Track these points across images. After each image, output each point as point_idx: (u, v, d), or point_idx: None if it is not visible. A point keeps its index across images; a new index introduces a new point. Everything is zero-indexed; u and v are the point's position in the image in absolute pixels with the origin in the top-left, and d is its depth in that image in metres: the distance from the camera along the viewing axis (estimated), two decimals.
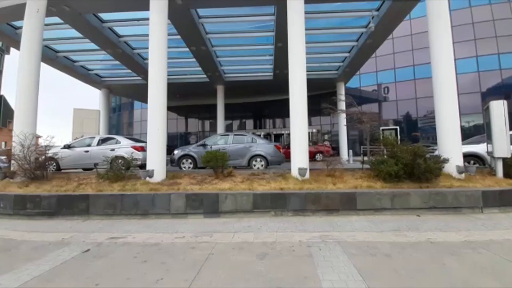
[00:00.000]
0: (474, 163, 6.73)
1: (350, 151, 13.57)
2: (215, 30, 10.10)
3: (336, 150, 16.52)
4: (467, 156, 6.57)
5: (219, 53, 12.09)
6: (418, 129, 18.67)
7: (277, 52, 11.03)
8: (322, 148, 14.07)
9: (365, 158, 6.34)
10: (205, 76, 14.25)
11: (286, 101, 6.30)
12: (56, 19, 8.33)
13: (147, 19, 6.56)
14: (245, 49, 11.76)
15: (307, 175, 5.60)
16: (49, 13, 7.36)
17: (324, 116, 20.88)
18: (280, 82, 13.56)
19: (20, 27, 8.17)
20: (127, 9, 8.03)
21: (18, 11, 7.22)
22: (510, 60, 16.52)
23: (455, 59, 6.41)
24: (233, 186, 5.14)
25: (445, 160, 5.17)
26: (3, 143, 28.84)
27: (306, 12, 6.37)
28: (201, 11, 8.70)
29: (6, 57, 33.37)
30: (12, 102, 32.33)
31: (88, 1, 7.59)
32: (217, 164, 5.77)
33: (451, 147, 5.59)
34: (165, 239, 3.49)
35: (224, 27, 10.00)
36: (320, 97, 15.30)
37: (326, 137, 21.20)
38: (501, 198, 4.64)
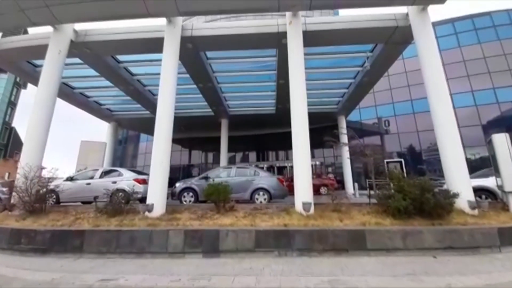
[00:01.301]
0: (486, 198, 6.46)
1: (356, 184, 13.22)
2: (221, 69, 10.86)
3: (340, 183, 16.13)
4: (478, 190, 6.33)
5: (224, 89, 12.78)
6: (423, 162, 18.40)
7: (279, 88, 11.63)
8: (327, 181, 13.76)
9: (372, 192, 6.15)
10: (210, 110, 14.85)
11: (289, 134, 6.40)
12: (75, 59, 9.08)
13: (160, 60, 7.15)
14: (249, 86, 12.46)
15: (312, 210, 5.38)
16: (70, 54, 8.03)
17: (327, 148, 20.93)
18: (282, 115, 13.99)
19: (40, 66, 8.86)
20: (143, 51, 8.82)
21: (40, 51, 7.86)
22: (507, 94, 17.06)
23: (451, 94, 6.63)
24: (234, 221, 4.93)
25: (455, 195, 4.97)
26: (6, 173, 29.07)
27: (305, 54, 6.91)
28: (209, 53, 9.50)
29: (22, 91, 35.84)
30: (22, 133, 33.71)
31: (108, 45, 8.39)
32: (219, 197, 5.63)
33: (459, 181, 5.44)
34: (160, 283, 3.23)
35: (230, 66, 10.76)
36: (322, 130, 15.50)
37: (330, 169, 20.91)
38: None
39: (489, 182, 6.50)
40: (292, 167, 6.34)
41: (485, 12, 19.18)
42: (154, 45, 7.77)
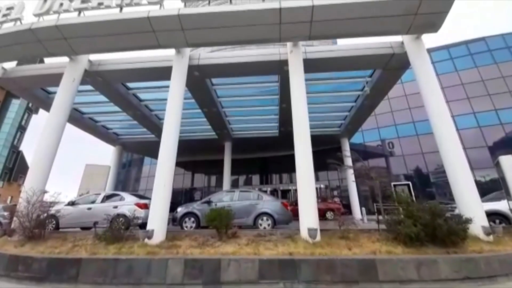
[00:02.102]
0: (499, 222, 6.13)
1: (363, 209, 12.75)
2: (225, 94, 11.25)
3: (347, 207, 15.60)
4: (490, 215, 6.04)
5: (228, 113, 13.10)
6: (432, 184, 17.89)
7: (281, 112, 11.87)
8: (333, 206, 13.32)
9: (380, 217, 5.90)
10: (214, 133, 15.07)
11: (292, 157, 6.38)
12: (87, 86, 9.51)
13: (167, 86, 7.47)
14: (252, 110, 12.77)
15: (318, 237, 5.15)
16: (82, 82, 8.43)
17: (332, 171, 20.64)
18: (285, 138, 14.03)
19: (53, 92, 9.23)
20: (151, 79, 9.30)
21: (54, 79, 8.29)
22: (509, 115, 17.11)
23: (453, 116, 6.68)
24: (237, 249, 4.71)
25: (468, 220, 4.74)
26: (9, 197, 28.97)
27: (306, 79, 7.16)
28: (214, 80, 9.93)
29: (33, 116, 37.17)
30: (28, 157, 34.27)
31: (120, 73, 8.87)
32: (221, 223, 5.45)
33: (470, 205, 5.25)
34: None
35: (234, 91, 11.16)
36: (326, 152, 15.48)
37: (335, 193, 20.37)
38: None
39: (502, 205, 6.24)
40: (296, 190, 6.20)
41: (479, 38, 20.08)
42: (163, 73, 8.19)
